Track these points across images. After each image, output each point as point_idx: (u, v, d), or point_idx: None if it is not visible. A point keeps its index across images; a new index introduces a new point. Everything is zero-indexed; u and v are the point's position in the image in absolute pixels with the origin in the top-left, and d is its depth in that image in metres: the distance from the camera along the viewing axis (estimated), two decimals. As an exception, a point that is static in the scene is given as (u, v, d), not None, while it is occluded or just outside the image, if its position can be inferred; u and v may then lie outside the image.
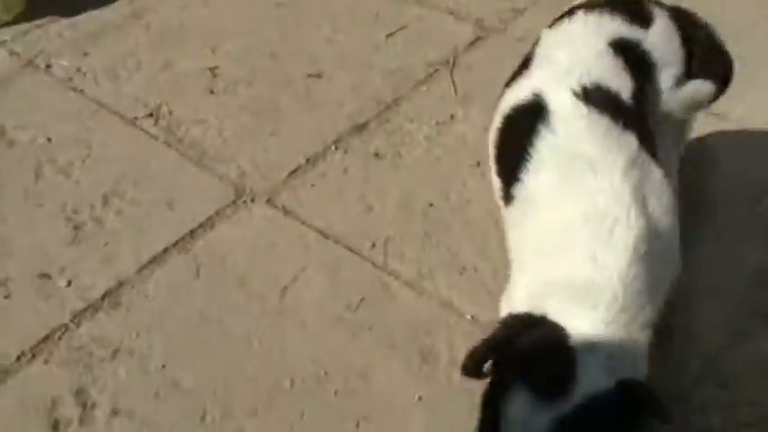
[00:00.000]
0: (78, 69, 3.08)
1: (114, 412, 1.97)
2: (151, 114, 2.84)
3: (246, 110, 2.88)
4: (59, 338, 2.12)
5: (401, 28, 3.26)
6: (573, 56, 1.79)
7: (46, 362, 2.06)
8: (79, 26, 3.31)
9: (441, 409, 1.95)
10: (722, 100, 2.06)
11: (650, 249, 1.52)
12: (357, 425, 1.96)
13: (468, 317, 2.17)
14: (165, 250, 2.35)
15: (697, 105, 1.99)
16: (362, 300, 2.24)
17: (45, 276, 2.27)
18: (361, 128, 2.80)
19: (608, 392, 1.34)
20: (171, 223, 2.44)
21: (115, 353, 2.09)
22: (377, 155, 2.69)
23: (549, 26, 2.03)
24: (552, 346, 1.42)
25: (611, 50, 1.80)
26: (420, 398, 1.99)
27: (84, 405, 1.98)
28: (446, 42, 3.18)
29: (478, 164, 2.62)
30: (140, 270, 2.30)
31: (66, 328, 2.14)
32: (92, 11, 3.39)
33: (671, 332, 1.94)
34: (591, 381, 1.34)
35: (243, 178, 2.60)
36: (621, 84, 1.75)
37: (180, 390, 2.02)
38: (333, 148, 2.72)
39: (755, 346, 2.05)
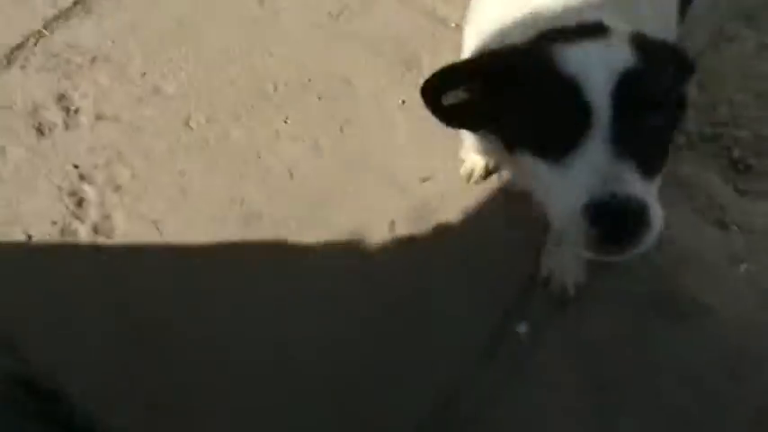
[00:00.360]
0: None
1: (98, 117, 1.97)
2: None
3: None
4: (34, 45, 2.06)
5: None
6: None
7: (23, 68, 2.02)
8: None
9: (424, 113, 1.95)
10: None
11: None
12: (341, 129, 1.99)
13: (453, 25, 2.13)
14: (135, -45, 2.23)
15: None
16: (345, 8, 2.17)
17: (11, -18, 2.16)
18: None
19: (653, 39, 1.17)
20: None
21: (93, 60, 2.05)
22: None
23: None
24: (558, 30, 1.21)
25: None
26: (403, 102, 2.00)
27: (67, 110, 1.97)
28: None
29: None
30: (111, -24, 2.19)
31: (39, 35, 2.08)
32: None
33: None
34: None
35: None
36: None
37: (162, 95, 2.01)
38: None
39: (738, 47, 2.04)
